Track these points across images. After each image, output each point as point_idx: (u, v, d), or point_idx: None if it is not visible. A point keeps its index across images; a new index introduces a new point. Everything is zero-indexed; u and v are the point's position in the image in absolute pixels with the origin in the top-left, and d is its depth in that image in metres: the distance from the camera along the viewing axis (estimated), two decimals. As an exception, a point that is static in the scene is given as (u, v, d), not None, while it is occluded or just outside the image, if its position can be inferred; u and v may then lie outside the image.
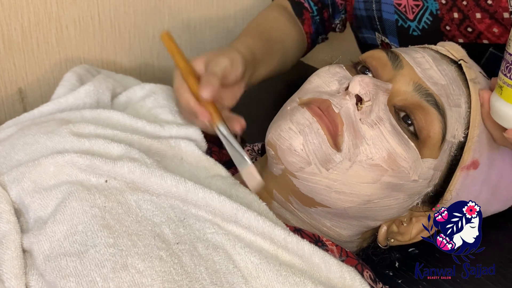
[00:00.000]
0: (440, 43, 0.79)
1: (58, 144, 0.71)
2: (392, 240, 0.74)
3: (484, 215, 0.76)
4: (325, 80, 0.72)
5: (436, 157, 0.69)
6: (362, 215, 0.70)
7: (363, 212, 0.69)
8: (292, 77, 0.76)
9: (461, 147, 0.70)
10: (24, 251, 0.62)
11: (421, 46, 0.79)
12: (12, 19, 0.94)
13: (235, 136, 0.72)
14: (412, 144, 0.67)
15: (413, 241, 0.73)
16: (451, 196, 0.71)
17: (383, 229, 0.72)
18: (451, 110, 0.69)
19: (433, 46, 0.78)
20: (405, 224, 0.72)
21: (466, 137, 0.70)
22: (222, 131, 0.71)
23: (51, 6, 0.97)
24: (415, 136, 0.68)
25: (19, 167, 0.68)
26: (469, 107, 0.71)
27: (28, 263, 0.61)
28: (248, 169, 0.70)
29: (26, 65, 0.99)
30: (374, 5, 0.96)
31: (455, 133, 0.70)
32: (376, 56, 0.74)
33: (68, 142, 0.71)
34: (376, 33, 0.99)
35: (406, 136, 0.67)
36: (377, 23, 0.97)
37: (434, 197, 0.71)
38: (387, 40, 0.97)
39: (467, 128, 0.70)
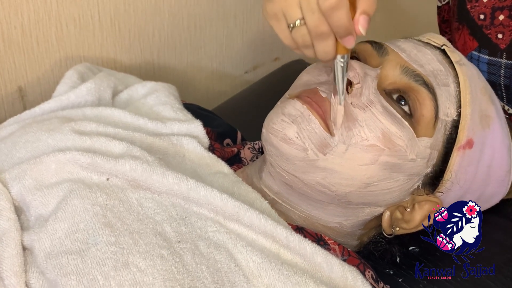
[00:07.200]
0: (420, 35, 0.80)
1: (60, 141, 0.71)
2: (398, 229, 0.73)
3: (482, 198, 0.77)
4: (314, 74, 0.73)
5: (431, 136, 0.70)
6: (363, 200, 0.70)
7: (364, 197, 0.69)
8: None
9: (455, 125, 0.71)
10: (24, 248, 0.62)
11: (403, 37, 0.80)
12: (12, 17, 0.94)
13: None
14: (406, 123, 0.68)
15: (418, 228, 0.73)
16: (451, 175, 0.72)
17: (387, 215, 0.72)
18: (440, 89, 0.71)
19: (414, 37, 0.79)
20: (408, 210, 0.72)
21: (459, 115, 0.71)
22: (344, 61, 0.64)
23: (51, 4, 0.97)
24: (408, 115, 0.69)
25: (20, 165, 0.68)
26: (458, 87, 0.72)
27: (29, 260, 0.61)
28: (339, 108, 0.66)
29: (26, 63, 0.99)
30: (503, 71, 0.87)
31: (447, 111, 0.71)
32: (362, 48, 0.75)
33: (69, 139, 0.71)
34: None
35: (399, 116, 0.68)
36: (503, 91, 0.89)
37: (434, 178, 0.72)
38: (511, 111, 0.89)
39: (459, 107, 0.72)
